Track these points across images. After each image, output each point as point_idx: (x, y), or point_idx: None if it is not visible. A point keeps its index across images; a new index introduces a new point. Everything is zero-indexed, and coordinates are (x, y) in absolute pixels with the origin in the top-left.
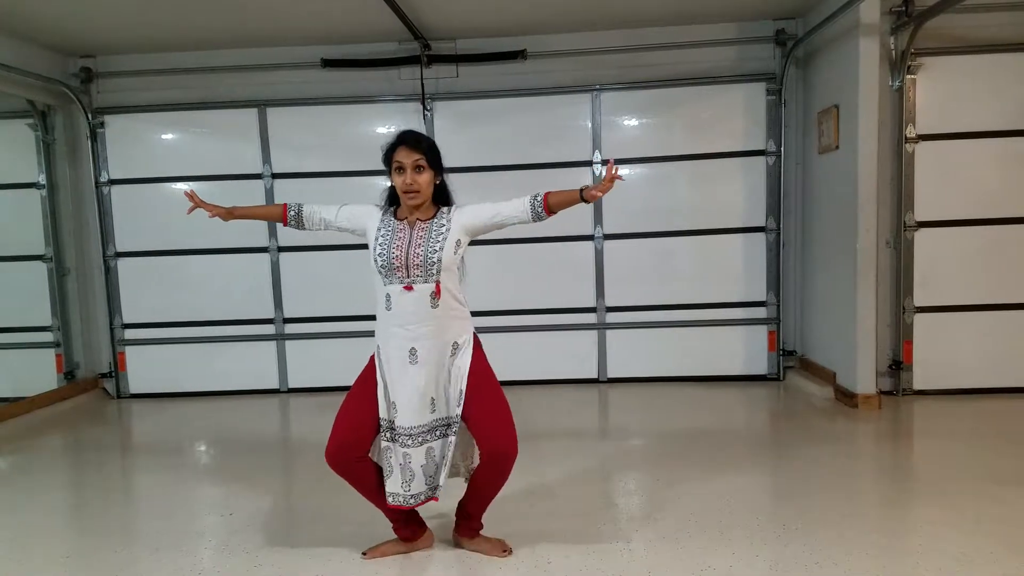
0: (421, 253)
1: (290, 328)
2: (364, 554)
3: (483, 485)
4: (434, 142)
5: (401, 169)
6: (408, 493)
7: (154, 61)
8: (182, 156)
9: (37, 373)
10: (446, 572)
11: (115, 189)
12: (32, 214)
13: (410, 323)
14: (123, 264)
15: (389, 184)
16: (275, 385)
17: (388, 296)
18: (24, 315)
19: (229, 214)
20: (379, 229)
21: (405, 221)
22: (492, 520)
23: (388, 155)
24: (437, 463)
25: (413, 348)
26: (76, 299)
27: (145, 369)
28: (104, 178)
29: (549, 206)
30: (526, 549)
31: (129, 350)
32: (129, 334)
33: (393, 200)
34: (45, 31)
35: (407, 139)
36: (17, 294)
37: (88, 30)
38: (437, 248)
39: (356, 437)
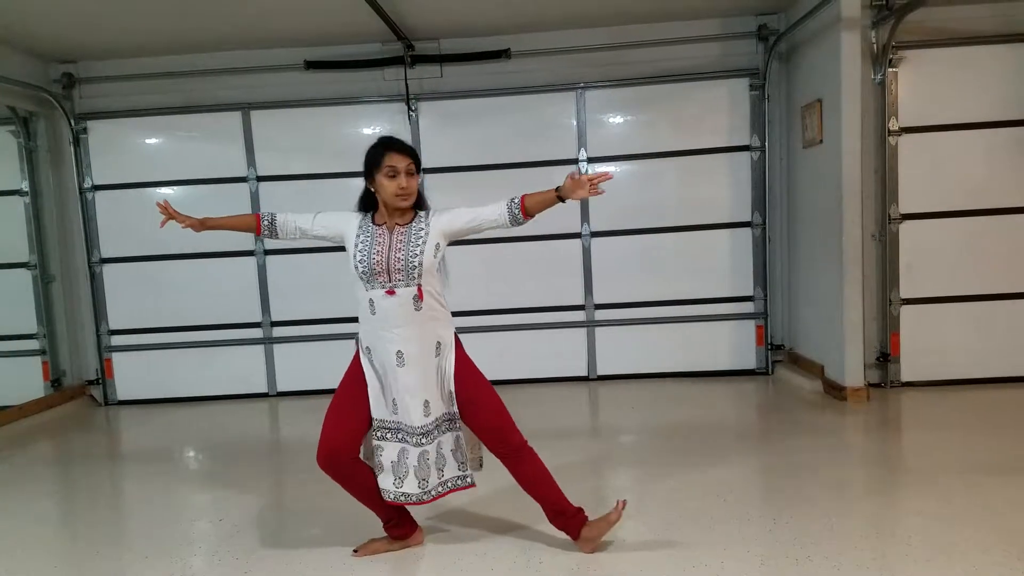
0: (402, 258)
1: (278, 331)
2: (355, 551)
3: (530, 481)
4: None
5: (394, 174)
6: (399, 490)
7: (136, 66)
8: (166, 160)
9: (23, 381)
10: (438, 571)
11: (99, 195)
12: (16, 221)
13: (395, 326)
14: (108, 270)
15: (364, 189)
16: (264, 389)
17: (371, 301)
18: (9, 323)
19: (202, 225)
20: (358, 235)
21: (384, 226)
22: (481, 519)
23: (377, 158)
24: (430, 466)
25: (400, 351)
26: (62, 306)
27: (132, 375)
28: (88, 184)
29: (527, 209)
30: (517, 548)
31: (116, 356)
32: (116, 340)
33: (368, 206)
34: (25, 37)
35: (396, 144)
36: (1, 302)
37: (69, 35)
38: (417, 252)
39: (346, 439)
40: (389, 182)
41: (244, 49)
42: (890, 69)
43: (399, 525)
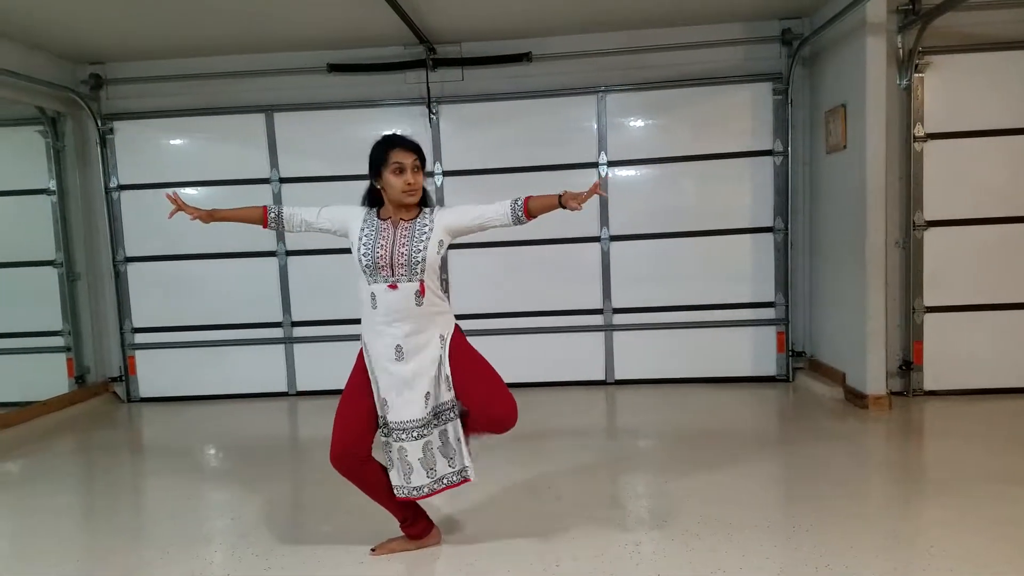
0: (405, 252)
1: (298, 331)
2: (372, 550)
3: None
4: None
5: (401, 169)
6: (410, 485)
7: (162, 67)
8: (190, 161)
9: (48, 377)
10: (454, 571)
11: (124, 194)
12: (43, 220)
13: (395, 321)
14: (133, 269)
15: (369, 185)
16: (283, 388)
17: (373, 295)
18: (35, 320)
19: (210, 216)
20: (362, 229)
21: (389, 221)
22: (498, 520)
23: (382, 156)
24: (436, 454)
25: (399, 346)
26: (87, 304)
27: (155, 373)
28: (114, 183)
29: (529, 210)
30: (534, 551)
31: (139, 354)
32: (139, 338)
33: (374, 201)
34: (54, 39)
35: (402, 141)
36: (28, 299)
37: (97, 37)
38: (421, 248)
39: (357, 438)
40: (396, 178)
41: (268, 52)
42: (916, 74)
43: (414, 524)
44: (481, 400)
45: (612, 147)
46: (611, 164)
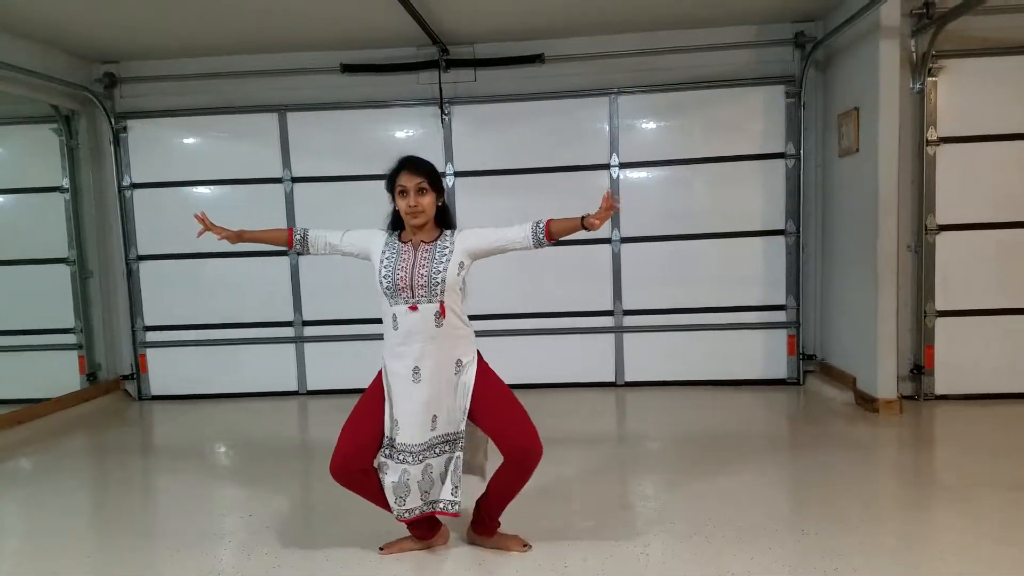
0: (425, 274)
1: (309, 331)
2: (381, 549)
3: (504, 485)
4: (434, 166)
5: (404, 192)
6: (403, 508)
7: (176, 66)
8: (203, 160)
9: (60, 375)
10: (463, 571)
11: (137, 193)
12: (56, 218)
13: (415, 342)
14: (145, 267)
15: (392, 208)
16: (294, 387)
17: (394, 316)
18: (47, 317)
19: (238, 237)
20: (383, 252)
21: (409, 243)
22: (508, 522)
23: (391, 180)
24: (434, 479)
25: (417, 367)
26: (99, 302)
27: (166, 371)
28: (127, 182)
29: (551, 233)
30: (543, 552)
31: (151, 352)
32: (151, 336)
33: (396, 224)
34: (69, 37)
35: (408, 163)
36: (41, 297)
37: (111, 36)
38: (441, 269)
39: (360, 452)
40: (400, 201)
41: (281, 52)
42: (929, 78)
43: (421, 526)
44: (505, 431)
45: (624, 149)
46: (623, 166)
